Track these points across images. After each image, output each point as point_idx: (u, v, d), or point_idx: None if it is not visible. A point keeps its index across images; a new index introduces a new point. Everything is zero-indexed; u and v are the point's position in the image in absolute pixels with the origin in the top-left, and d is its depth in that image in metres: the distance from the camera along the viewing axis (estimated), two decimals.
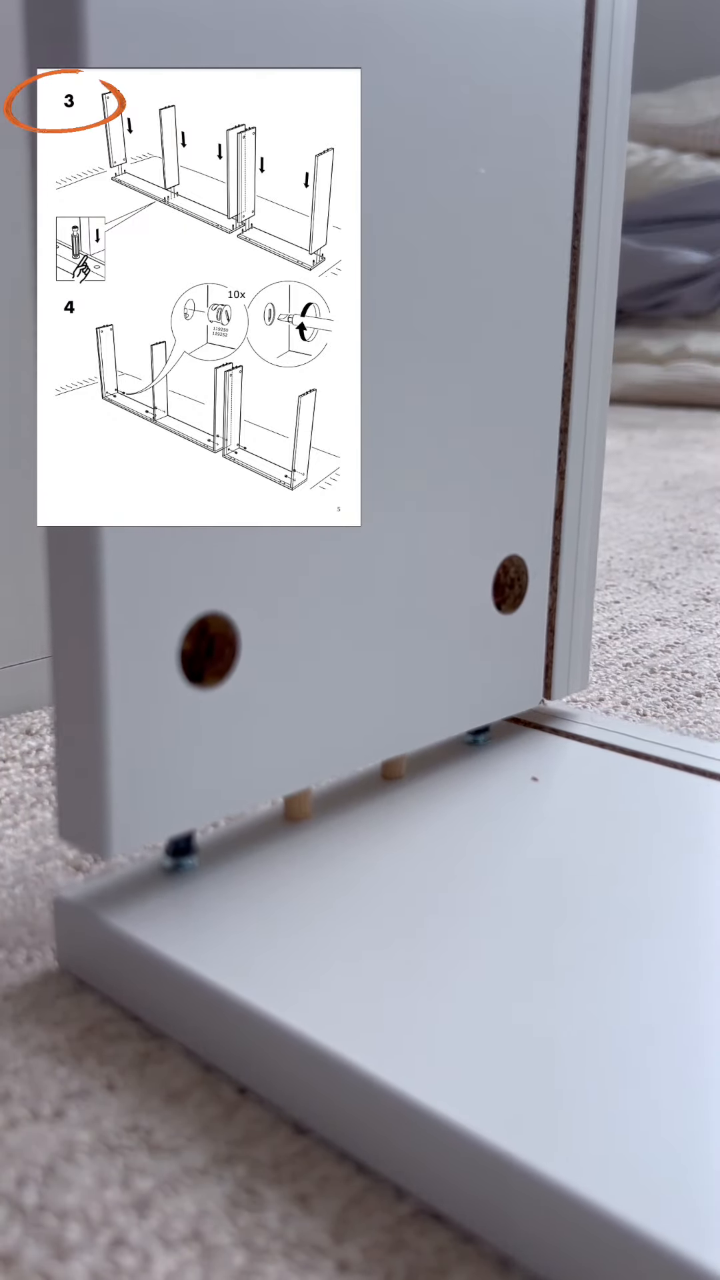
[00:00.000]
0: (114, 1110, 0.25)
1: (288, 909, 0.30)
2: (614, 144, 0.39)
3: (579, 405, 0.39)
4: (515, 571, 0.39)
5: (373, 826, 0.34)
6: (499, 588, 0.38)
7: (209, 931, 0.29)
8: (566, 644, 0.41)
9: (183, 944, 0.28)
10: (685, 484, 1.10)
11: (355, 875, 0.31)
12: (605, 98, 0.38)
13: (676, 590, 0.71)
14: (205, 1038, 0.27)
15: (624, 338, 1.90)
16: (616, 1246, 0.20)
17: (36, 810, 0.40)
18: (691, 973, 0.27)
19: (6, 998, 0.29)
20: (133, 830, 0.29)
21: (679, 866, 0.32)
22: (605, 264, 0.39)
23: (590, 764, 0.39)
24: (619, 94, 0.38)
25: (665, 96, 2.11)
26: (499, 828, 0.34)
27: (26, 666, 0.49)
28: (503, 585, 0.39)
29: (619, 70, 0.38)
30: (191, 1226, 0.22)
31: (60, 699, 0.28)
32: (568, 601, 0.41)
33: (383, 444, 0.33)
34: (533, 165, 0.36)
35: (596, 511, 0.41)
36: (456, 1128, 0.22)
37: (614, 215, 0.39)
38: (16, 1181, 0.23)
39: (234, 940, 0.28)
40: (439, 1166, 0.23)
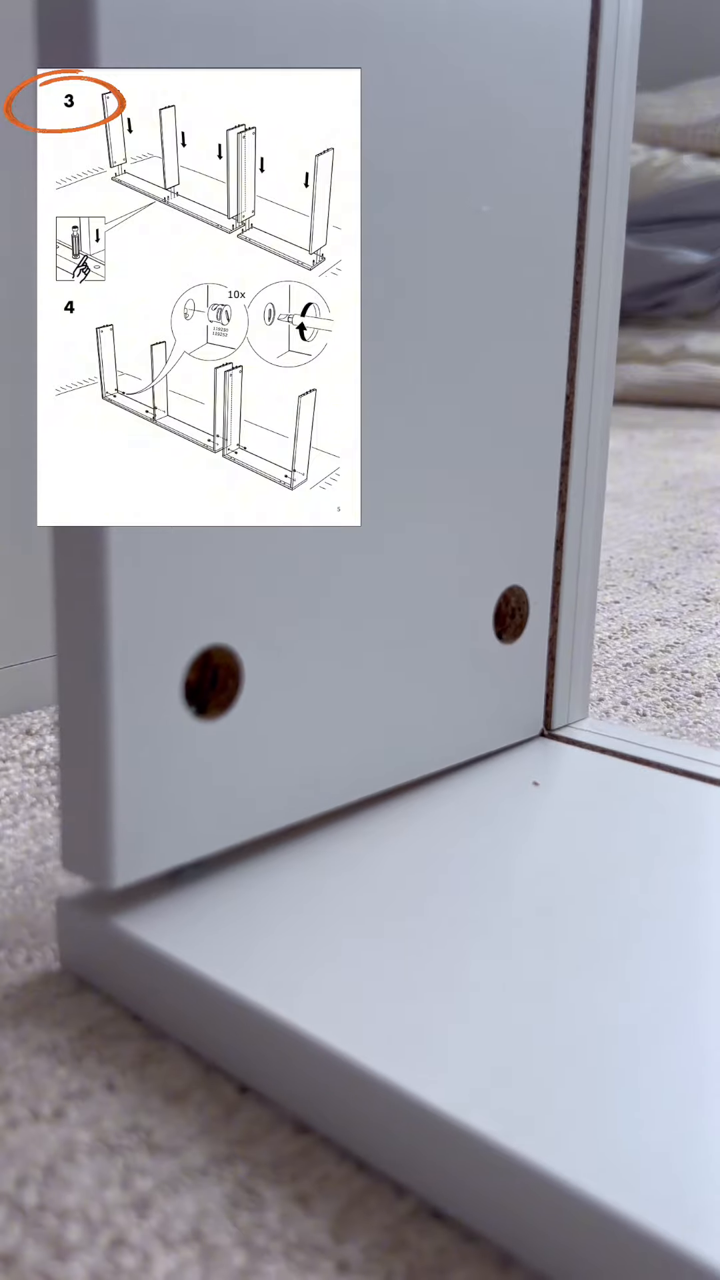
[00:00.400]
0: (114, 1110, 0.25)
1: (289, 908, 0.30)
2: (618, 154, 0.38)
3: (580, 437, 0.39)
4: (516, 601, 0.39)
5: (373, 828, 0.34)
6: (500, 617, 0.38)
7: (210, 930, 0.29)
8: (567, 674, 0.42)
9: (184, 942, 0.28)
10: (685, 484, 1.10)
11: (356, 876, 0.31)
12: (610, 104, 0.38)
13: (676, 590, 0.71)
14: (207, 1036, 0.27)
15: (624, 338, 1.90)
16: (617, 1243, 0.20)
17: (36, 810, 0.40)
18: (689, 974, 0.27)
19: (7, 997, 0.29)
20: (137, 860, 0.29)
21: (678, 871, 0.32)
22: (608, 289, 0.39)
23: (591, 769, 0.39)
24: (624, 99, 0.38)
25: (665, 96, 2.11)
26: (500, 831, 0.34)
27: (26, 666, 0.49)
28: (504, 615, 0.39)
29: (624, 75, 0.38)
30: (192, 1226, 0.22)
31: (65, 731, 0.29)
32: (568, 631, 0.41)
33: (384, 473, 0.33)
34: (537, 184, 0.36)
35: (597, 543, 0.42)
36: (458, 1125, 0.22)
37: (616, 237, 0.39)
38: (16, 1181, 0.23)
39: (235, 939, 0.28)
40: (440, 1164, 0.23)
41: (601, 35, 0.37)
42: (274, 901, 0.30)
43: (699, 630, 0.63)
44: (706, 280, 1.90)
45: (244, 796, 0.31)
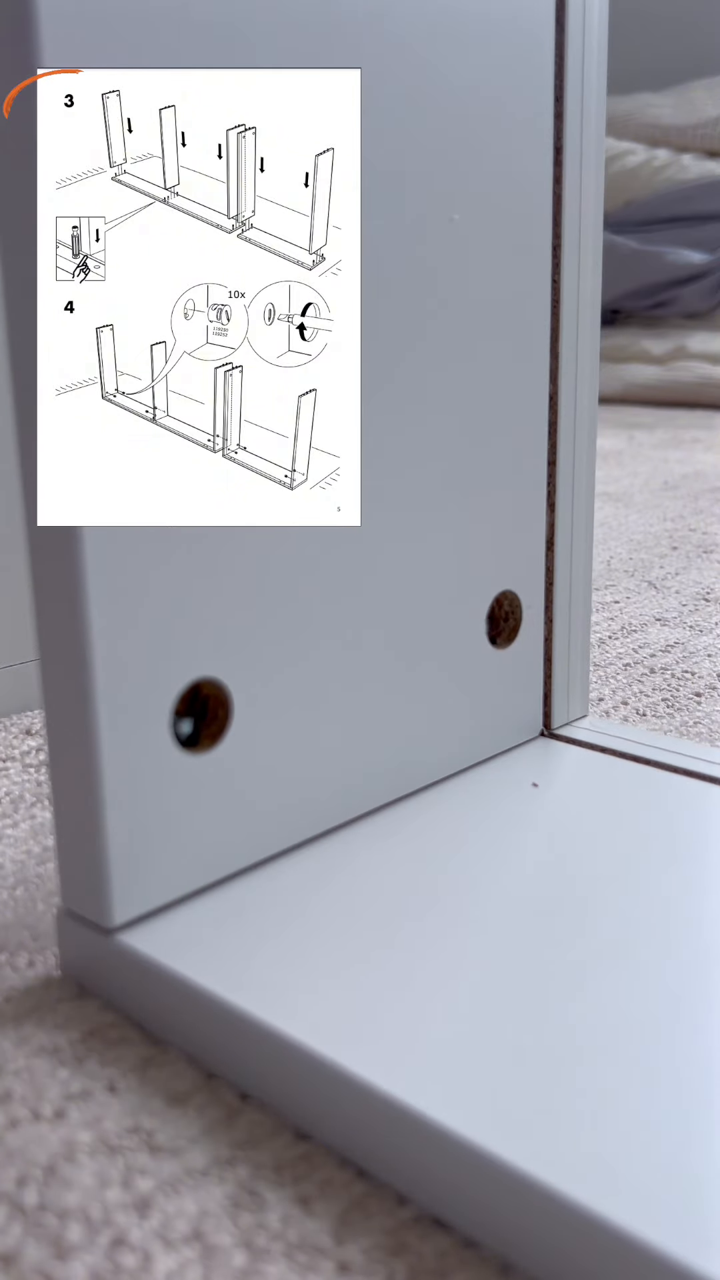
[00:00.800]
0: (115, 1112, 0.25)
1: (288, 916, 0.29)
2: (590, 146, 0.38)
3: (566, 436, 0.39)
4: (509, 605, 0.39)
5: (372, 833, 0.34)
6: (493, 623, 0.38)
7: (209, 940, 0.28)
8: (564, 674, 0.41)
9: (183, 954, 0.28)
10: (685, 484, 1.10)
11: (354, 882, 0.31)
12: (580, 96, 0.37)
13: (676, 590, 0.71)
14: (206, 1046, 0.27)
15: (624, 338, 1.90)
16: (616, 1253, 0.20)
17: (36, 810, 0.40)
18: (690, 978, 0.27)
19: (8, 1000, 0.29)
20: (136, 897, 0.29)
21: (679, 872, 0.32)
22: (587, 283, 0.39)
23: (590, 769, 0.39)
24: (594, 90, 0.37)
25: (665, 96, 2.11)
26: (499, 833, 0.34)
27: (27, 666, 0.49)
28: (497, 620, 0.38)
29: (593, 65, 0.37)
30: (192, 1226, 0.22)
31: (56, 772, 0.29)
32: (563, 632, 0.41)
33: (370, 483, 0.33)
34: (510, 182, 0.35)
35: (589, 540, 0.41)
36: (456, 1136, 0.22)
37: (594, 236, 0.39)
38: (17, 1181, 0.23)
39: (234, 949, 0.28)
40: (439, 1174, 0.23)
41: (568, 27, 0.36)
42: (273, 909, 0.30)
43: (699, 630, 0.63)
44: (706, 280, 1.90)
45: (242, 825, 0.31)
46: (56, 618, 0.27)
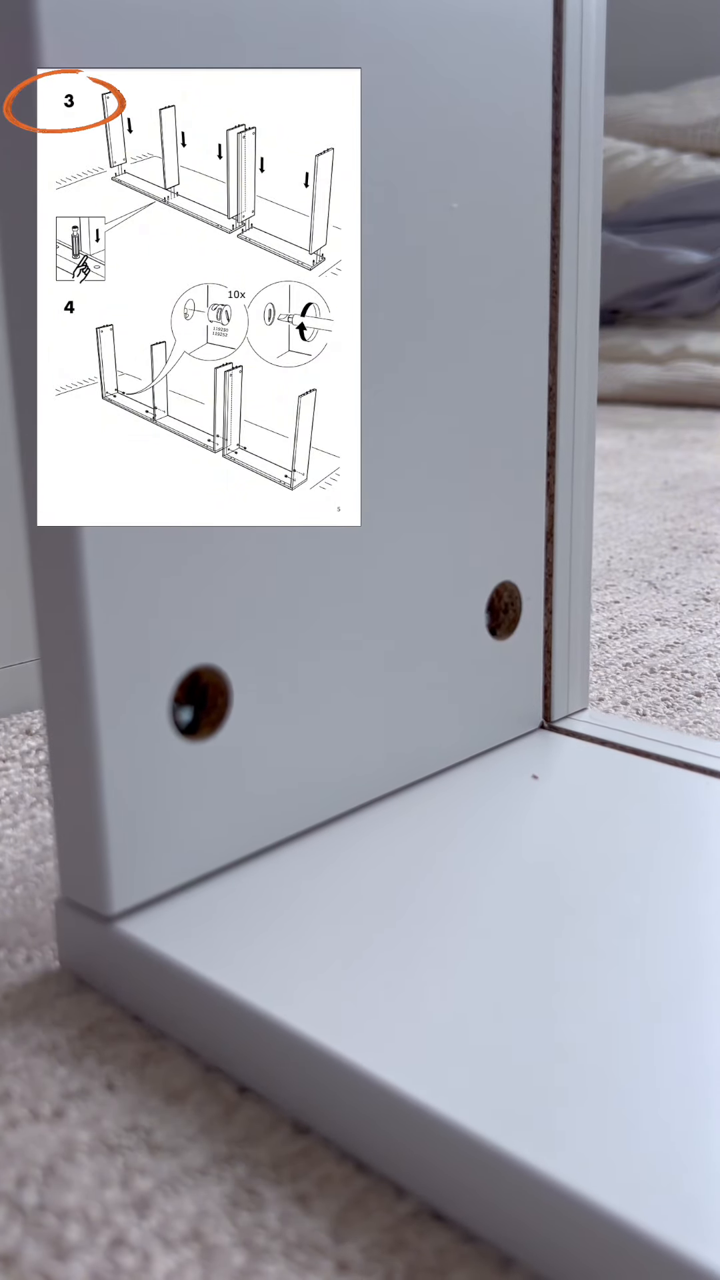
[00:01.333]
0: (114, 1110, 0.25)
1: (287, 907, 0.30)
2: (589, 138, 0.38)
3: (565, 428, 0.39)
4: (509, 597, 0.39)
5: (370, 823, 0.34)
6: (493, 614, 0.38)
7: (208, 930, 0.29)
8: (564, 665, 0.41)
9: (183, 943, 0.28)
10: (685, 484, 1.10)
11: (354, 873, 0.31)
12: (579, 85, 0.37)
13: (676, 590, 0.71)
14: (206, 1037, 0.27)
15: (624, 338, 1.90)
16: (616, 1245, 0.20)
17: (36, 810, 0.40)
18: (690, 970, 0.27)
19: (6, 997, 0.29)
20: (134, 885, 0.29)
21: (679, 864, 0.32)
22: (586, 276, 0.39)
23: (590, 761, 0.39)
24: (592, 75, 0.37)
25: (665, 96, 2.11)
26: (499, 825, 0.34)
27: (27, 666, 0.49)
28: (497, 611, 0.38)
29: (591, 54, 0.37)
30: (191, 1226, 0.22)
31: (55, 761, 0.29)
32: (563, 623, 0.41)
33: (370, 476, 0.33)
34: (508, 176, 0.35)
35: (588, 532, 0.41)
36: (457, 1127, 0.22)
37: (592, 226, 0.39)
38: (16, 1181, 0.23)
39: (233, 939, 0.28)
40: (439, 1165, 0.23)
41: (566, 19, 0.36)
42: (272, 899, 0.30)
43: (699, 630, 0.63)
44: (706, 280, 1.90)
45: (241, 813, 0.31)
46: (57, 617, 0.27)
